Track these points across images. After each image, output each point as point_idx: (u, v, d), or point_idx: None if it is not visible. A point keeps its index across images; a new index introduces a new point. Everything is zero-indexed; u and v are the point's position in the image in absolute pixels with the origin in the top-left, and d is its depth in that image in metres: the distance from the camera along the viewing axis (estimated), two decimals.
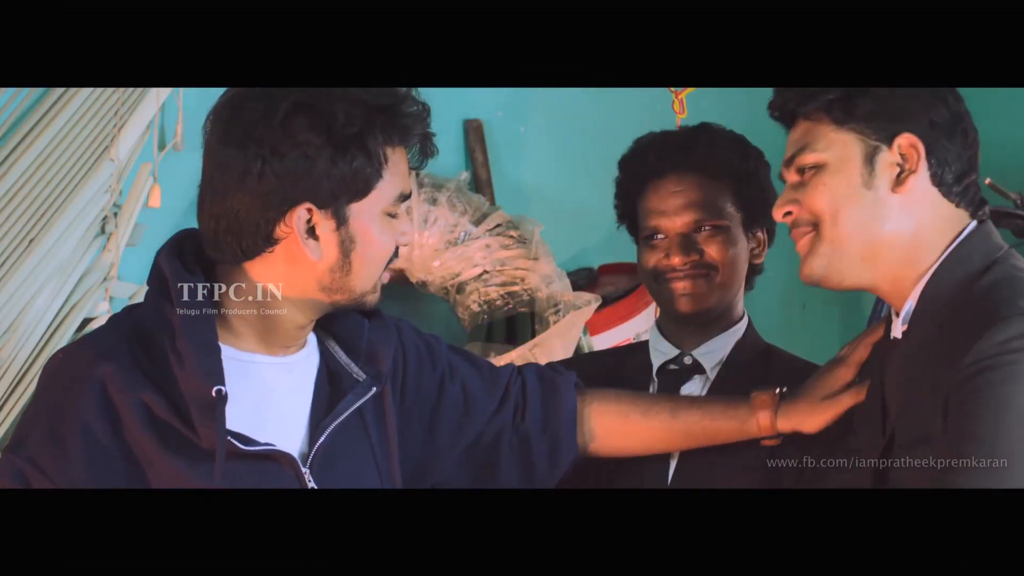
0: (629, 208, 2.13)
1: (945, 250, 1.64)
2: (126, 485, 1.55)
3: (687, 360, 2.08)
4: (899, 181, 1.64)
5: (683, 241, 2.03)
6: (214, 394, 1.54)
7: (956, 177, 1.65)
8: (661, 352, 2.10)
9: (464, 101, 3.18)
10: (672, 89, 2.55)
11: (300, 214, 1.59)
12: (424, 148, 1.66)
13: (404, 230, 1.67)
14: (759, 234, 2.10)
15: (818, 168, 1.67)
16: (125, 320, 1.64)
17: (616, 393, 1.94)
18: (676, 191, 2.04)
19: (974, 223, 1.67)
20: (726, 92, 2.79)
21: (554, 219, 3.13)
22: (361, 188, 1.60)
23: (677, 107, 2.41)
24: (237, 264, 1.63)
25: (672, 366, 2.08)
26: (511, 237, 3.04)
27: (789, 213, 1.70)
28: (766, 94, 1.77)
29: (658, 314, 2.16)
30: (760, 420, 1.86)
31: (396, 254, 1.69)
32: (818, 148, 1.67)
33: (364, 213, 1.62)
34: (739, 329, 2.09)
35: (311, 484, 1.63)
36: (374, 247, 1.64)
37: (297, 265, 1.62)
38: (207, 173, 1.62)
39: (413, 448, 1.81)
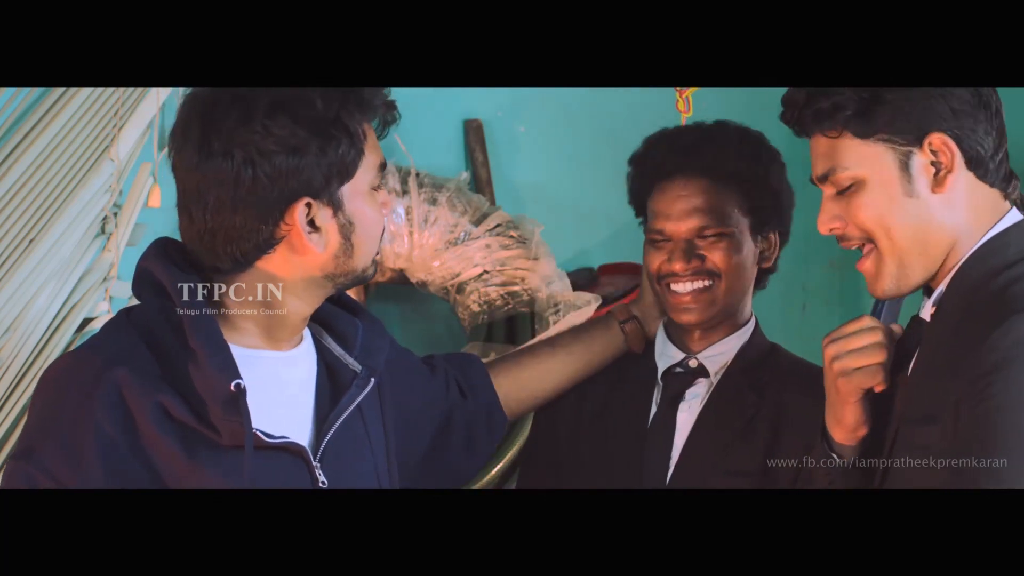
0: (641, 205, 2.12)
1: (983, 236, 1.64)
2: (146, 488, 1.53)
3: (692, 363, 2.07)
4: (938, 181, 1.64)
5: (686, 247, 2.02)
6: (233, 388, 1.54)
7: (991, 154, 1.64)
8: (667, 356, 2.10)
9: (464, 101, 3.17)
10: (677, 88, 2.54)
11: (300, 210, 1.60)
12: (386, 118, 1.69)
13: (384, 200, 1.70)
14: (771, 236, 2.08)
15: (856, 184, 1.66)
16: (127, 323, 1.62)
17: (508, 355, 2.11)
18: (682, 195, 2.03)
19: (1017, 215, 1.66)
20: (729, 91, 2.78)
21: (554, 219, 3.12)
22: (349, 169, 1.62)
23: (682, 105, 2.40)
24: (236, 272, 1.63)
25: (678, 369, 2.08)
26: (511, 237, 3.04)
27: (835, 228, 1.70)
28: (771, 93, 1.76)
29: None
30: (617, 313, 2.12)
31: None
32: (850, 166, 1.65)
33: (355, 193, 1.64)
34: (746, 331, 2.09)
35: (321, 478, 1.65)
36: (369, 224, 1.66)
37: (299, 258, 1.63)
38: (189, 190, 1.60)
39: (407, 451, 1.85)
